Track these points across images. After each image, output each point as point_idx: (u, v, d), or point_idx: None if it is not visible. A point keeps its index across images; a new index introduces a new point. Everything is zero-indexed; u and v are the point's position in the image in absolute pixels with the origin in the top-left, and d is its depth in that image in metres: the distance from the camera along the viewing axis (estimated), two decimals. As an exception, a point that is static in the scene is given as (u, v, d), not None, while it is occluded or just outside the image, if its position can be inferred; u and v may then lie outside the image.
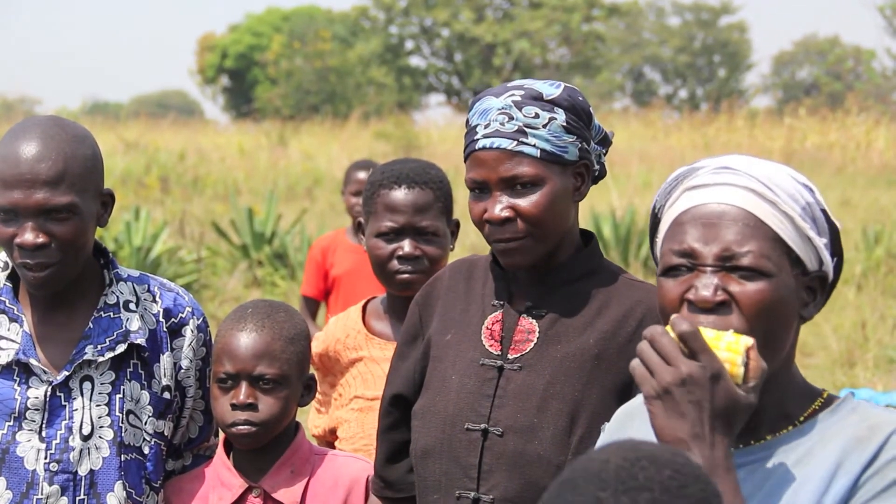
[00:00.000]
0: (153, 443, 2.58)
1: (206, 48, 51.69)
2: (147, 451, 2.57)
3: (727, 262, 1.77)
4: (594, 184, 2.44)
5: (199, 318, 2.67)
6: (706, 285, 1.77)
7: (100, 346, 2.53)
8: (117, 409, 2.53)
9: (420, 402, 2.45)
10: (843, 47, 58.14)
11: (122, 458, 2.53)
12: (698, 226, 1.81)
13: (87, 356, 2.51)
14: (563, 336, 2.35)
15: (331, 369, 3.15)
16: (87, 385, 2.52)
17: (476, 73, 46.26)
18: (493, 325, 2.41)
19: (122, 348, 2.54)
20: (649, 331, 1.70)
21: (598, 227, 12.26)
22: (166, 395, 2.60)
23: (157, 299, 2.63)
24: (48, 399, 2.49)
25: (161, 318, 2.61)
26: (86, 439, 2.50)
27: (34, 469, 2.48)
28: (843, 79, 53.09)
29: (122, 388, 2.54)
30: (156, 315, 2.61)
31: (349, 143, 25.28)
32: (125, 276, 2.63)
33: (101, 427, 2.52)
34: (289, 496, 2.60)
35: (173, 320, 2.63)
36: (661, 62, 60.13)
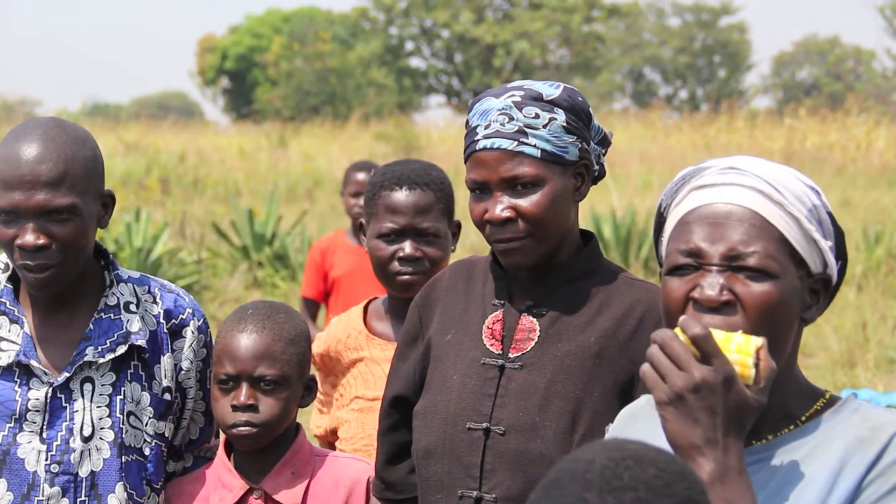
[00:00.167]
0: (154, 444, 2.58)
1: (207, 49, 51.68)
2: (148, 453, 2.57)
3: (733, 262, 1.77)
4: (594, 184, 2.45)
5: (199, 320, 2.67)
6: (712, 285, 1.76)
7: (100, 348, 2.52)
8: (118, 411, 2.53)
9: (421, 402, 2.45)
10: (844, 48, 58.11)
11: (123, 460, 2.53)
12: (705, 225, 1.80)
13: (87, 357, 2.51)
14: (563, 334, 2.35)
15: (332, 369, 3.15)
16: (88, 386, 2.52)
17: (476, 74, 46.26)
18: (493, 324, 2.41)
19: (122, 349, 2.54)
20: (659, 334, 1.68)
21: (598, 227, 12.25)
22: (167, 396, 2.60)
23: (158, 300, 2.63)
24: (49, 400, 2.49)
25: (161, 320, 2.61)
26: (86, 440, 2.50)
27: (35, 470, 2.48)
28: (844, 79, 53.06)
29: (122, 389, 2.54)
30: (156, 316, 2.61)
31: (349, 145, 25.29)
32: (126, 277, 2.63)
33: (101, 428, 2.51)
34: (289, 497, 2.60)
35: (174, 321, 2.63)
36: (661, 63, 60.11)
